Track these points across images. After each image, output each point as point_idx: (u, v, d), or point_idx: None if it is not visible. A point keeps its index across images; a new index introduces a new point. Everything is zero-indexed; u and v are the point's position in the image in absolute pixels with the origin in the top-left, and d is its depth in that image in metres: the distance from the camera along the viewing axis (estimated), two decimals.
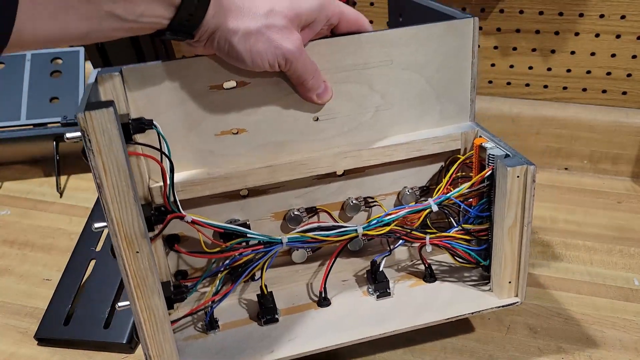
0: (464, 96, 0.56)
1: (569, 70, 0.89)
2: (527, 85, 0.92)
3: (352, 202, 0.57)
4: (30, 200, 0.88)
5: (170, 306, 0.51)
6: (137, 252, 0.44)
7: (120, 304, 0.48)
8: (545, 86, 0.91)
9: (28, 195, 0.89)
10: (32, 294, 0.69)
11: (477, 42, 0.54)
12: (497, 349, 0.59)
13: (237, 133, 0.52)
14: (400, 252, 0.61)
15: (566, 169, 0.92)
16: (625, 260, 0.72)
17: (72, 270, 0.67)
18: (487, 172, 0.51)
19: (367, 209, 0.59)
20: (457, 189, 0.53)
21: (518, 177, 0.49)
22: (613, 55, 0.86)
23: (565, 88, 0.91)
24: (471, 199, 0.54)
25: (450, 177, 0.55)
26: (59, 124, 0.86)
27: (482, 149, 0.53)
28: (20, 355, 0.61)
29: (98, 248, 0.68)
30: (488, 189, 0.52)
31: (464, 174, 0.56)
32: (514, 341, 0.59)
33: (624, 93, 0.89)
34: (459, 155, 0.56)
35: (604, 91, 0.89)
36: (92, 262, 0.67)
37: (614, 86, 0.88)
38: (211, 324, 0.54)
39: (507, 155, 0.50)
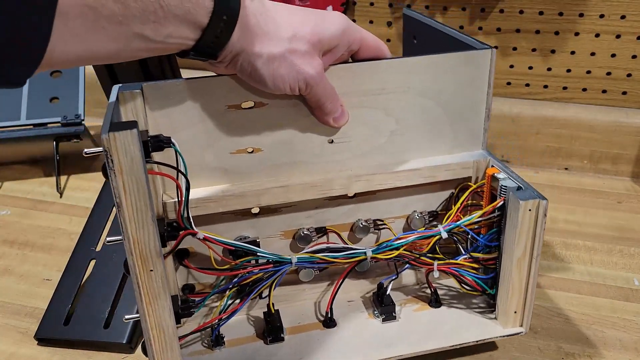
0: (478, 125, 0.56)
1: (569, 70, 0.89)
2: (527, 85, 0.92)
3: (361, 224, 0.58)
4: (30, 200, 0.88)
5: (177, 321, 0.51)
6: (151, 270, 0.44)
7: (127, 316, 0.48)
8: (545, 86, 0.91)
9: (28, 195, 0.89)
10: (32, 294, 0.69)
11: (494, 73, 0.55)
12: (497, 349, 0.59)
13: (252, 152, 0.53)
14: (407, 275, 0.61)
15: (566, 169, 0.92)
16: (625, 260, 0.72)
17: (72, 270, 0.67)
18: (499, 202, 0.52)
19: (376, 231, 0.59)
20: (467, 218, 0.53)
21: (530, 210, 0.49)
22: (613, 55, 0.86)
23: (565, 88, 0.91)
24: (480, 228, 0.54)
25: (461, 204, 0.55)
26: (59, 124, 0.86)
27: (494, 179, 0.53)
28: (20, 355, 0.61)
29: (98, 248, 0.68)
30: (498, 219, 0.52)
31: (474, 202, 0.56)
32: (514, 341, 0.59)
33: (624, 93, 0.89)
34: (470, 184, 0.57)
35: (604, 91, 0.89)
36: (92, 262, 0.67)
37: (614, 86, 0.88)
38: (217, 341, 0.54)
39: (519, 188, 0.51)
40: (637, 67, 0.86)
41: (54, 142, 0.87)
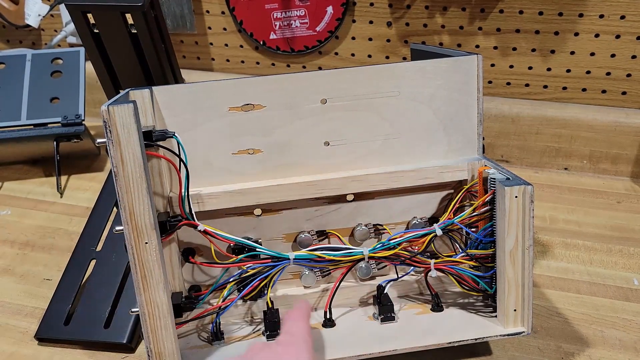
0: (471, 130, 0.58)
1: (568, 70, 0.89)
2: (527, 85, 0.92)
3: (361, 228, 0.58)
4: (30, 200, 0.88)
5: (179, 314, 0.52)
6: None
7: (133, 309, 0.49)
8: (545, 86, 0.91)
9: (28, 195, 0.89)
10: (32, 294, 0.69)
11: (482, 79, 0.56)
12: (497, 349, 0.59)
13: (252, 153, 0.55)
14: (410, 283, 0.61)
15: (566, 169, 0.92)
16: (625, 260, 0.72)
17: (72, 270, 0.67)
18: (489, 195, 0.52)
19: (377, 236, 0.60)
20: (461, 214, 0.54)
21: (516, 197, 0.50)
22: (613, 55, 0.86)
23: (565, 88, 0.91)
24: (476, 228, 0.54)
25: (455, 203, 0.55)
26: (59, 124, 0.86)
27: (485, 177, 0.54)
28: (21, 355, 0.61)
29: (98, 248, 0.69)
30: (491, 214, 0.53)
31: (472, 202, 0.56)
32: (513, 341, 0.60)
33: (624, 93, 0.89)
34: (465, 186, 0.57)
35: (604, 91, 0.89)
36: (92, 262, 0.67)
37: (614, 86, 0.88)
38: (216, 335, 0.54)
39: (507, 179, 0.52)
40: (637, 67, 0.86)
41: (54, 142, 0.87)
